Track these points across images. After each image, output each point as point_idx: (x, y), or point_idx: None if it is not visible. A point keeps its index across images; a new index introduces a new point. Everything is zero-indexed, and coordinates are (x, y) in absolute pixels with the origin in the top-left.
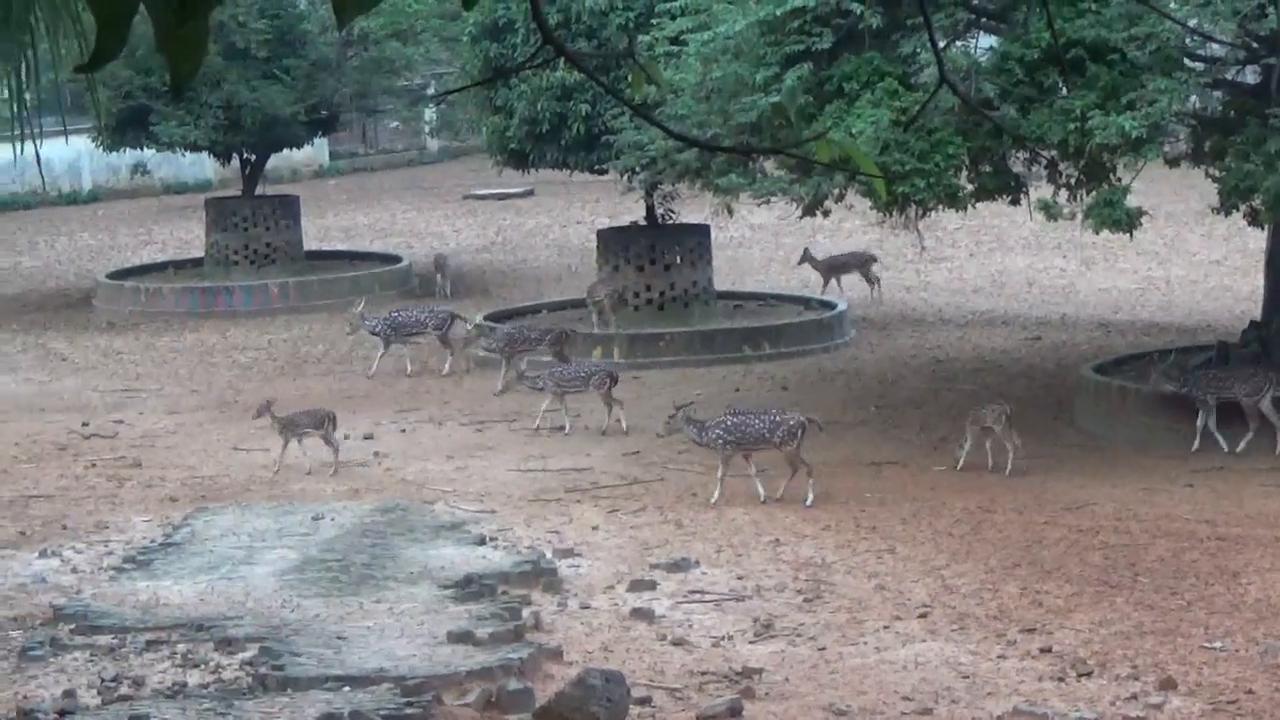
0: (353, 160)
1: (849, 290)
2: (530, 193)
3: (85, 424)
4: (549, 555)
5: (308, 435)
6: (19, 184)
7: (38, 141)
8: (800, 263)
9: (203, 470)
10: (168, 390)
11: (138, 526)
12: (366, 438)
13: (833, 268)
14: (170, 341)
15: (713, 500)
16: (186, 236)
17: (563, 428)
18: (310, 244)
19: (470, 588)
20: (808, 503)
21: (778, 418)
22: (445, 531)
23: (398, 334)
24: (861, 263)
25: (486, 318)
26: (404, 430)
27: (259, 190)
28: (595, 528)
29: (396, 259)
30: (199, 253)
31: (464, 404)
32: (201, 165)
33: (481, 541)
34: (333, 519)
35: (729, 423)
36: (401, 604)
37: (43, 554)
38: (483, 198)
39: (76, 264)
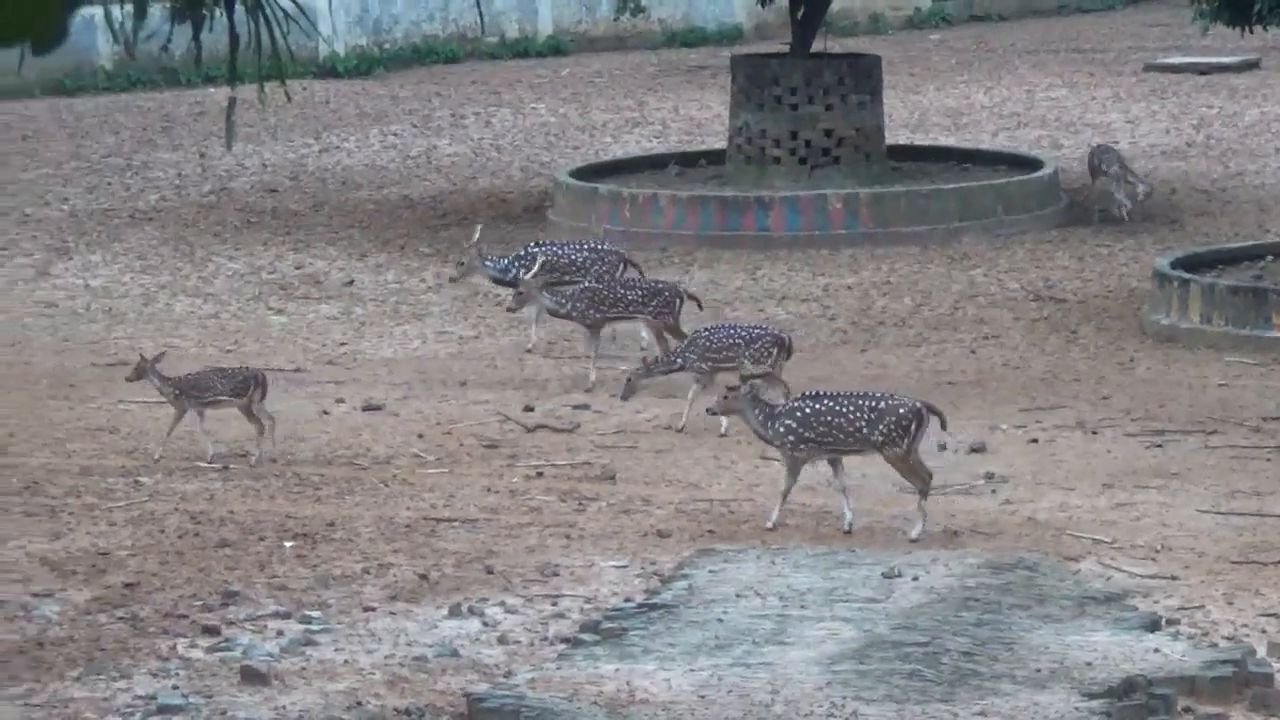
0: (969, 3)
1: None
2: (1254, 64)
3: (530, 409)
4: (1262, 652)
5: (218, 404)
6: (440, 24)
7: None
8: None
9: (711, 490)
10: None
11: (605, 576)
12: (974, 450)
13: None
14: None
15: (770, 524)
16: (700, 115)
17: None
18: (896, 134)
19: (1133, 698)
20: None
21: (881, 405)
22: (1095, 606)
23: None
24: None
25: (1175, 264)
26: (1035, 441)
27: (818, 45)
28: None
29: (1035, 162)
30: (719, 142)
31: (1134, 400)
32: (728, 3)
33: (1154, 625)
34: (916, 578)
35: (806, 411)
36: (1021, 718)
37: (455, 612)
38: (1176, 69)
39: (524, 153)
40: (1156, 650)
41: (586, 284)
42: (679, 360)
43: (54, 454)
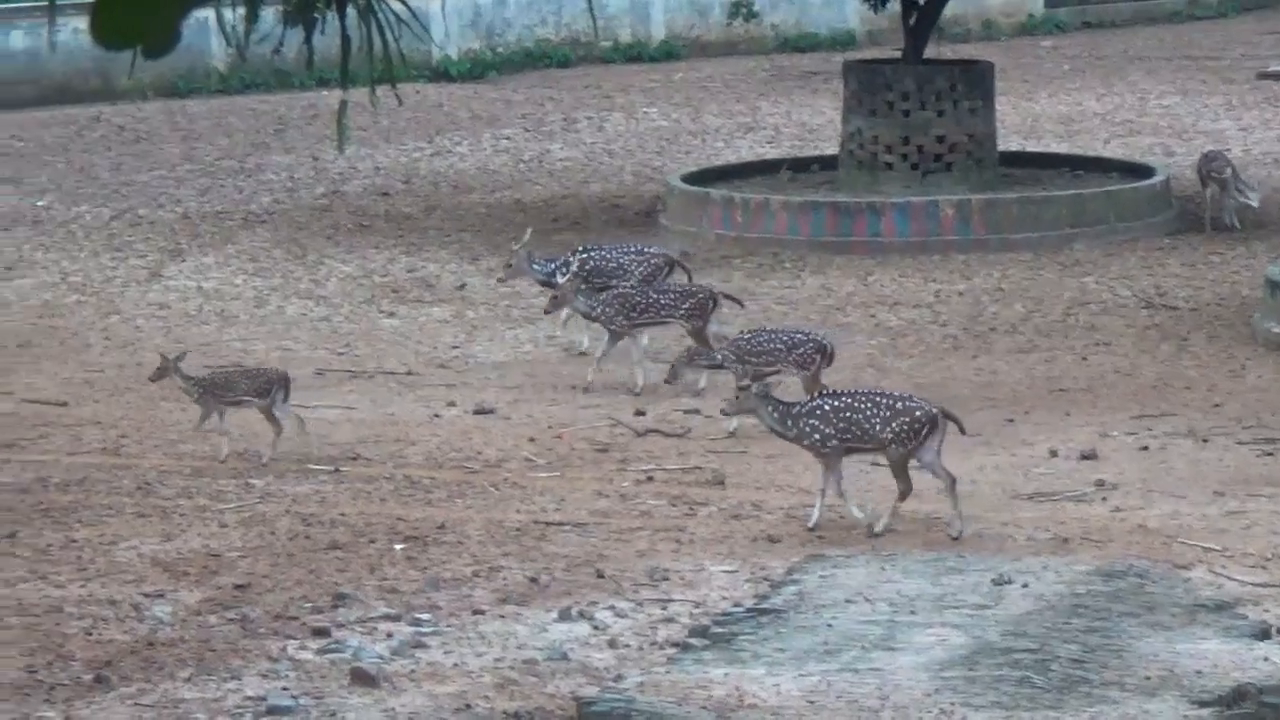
0: (1082, 10)
1: None
2: None
3: (640, 413)
4: None
5: (244, 404)
6: (553, 28)
7: None
8: None
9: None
10: None
11: (715, 580)
12: (1085, 457)
13: None
14: (780, 286)
15: (810, 524)
16: (813, 120)
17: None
18: (1008, 140)
19: (1243, 707)
20: (877, 529)
21: (901, 405)
22: (1205, 614)
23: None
24: None
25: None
26: (1145, 448)
27: (931, 52)
28: None
29: (1147, 170)
30: (831, 147)
31: (1245, 408)
32: (841, 8)
33: (1264, 633)
34: (1026, 585)
35: (826, 408)
36: None
37: (565, 615)
38: None
39: (636, 157)
40: (1267, 659)
41: (620, 289)
42: (719, 357)
43: (166, 455)
